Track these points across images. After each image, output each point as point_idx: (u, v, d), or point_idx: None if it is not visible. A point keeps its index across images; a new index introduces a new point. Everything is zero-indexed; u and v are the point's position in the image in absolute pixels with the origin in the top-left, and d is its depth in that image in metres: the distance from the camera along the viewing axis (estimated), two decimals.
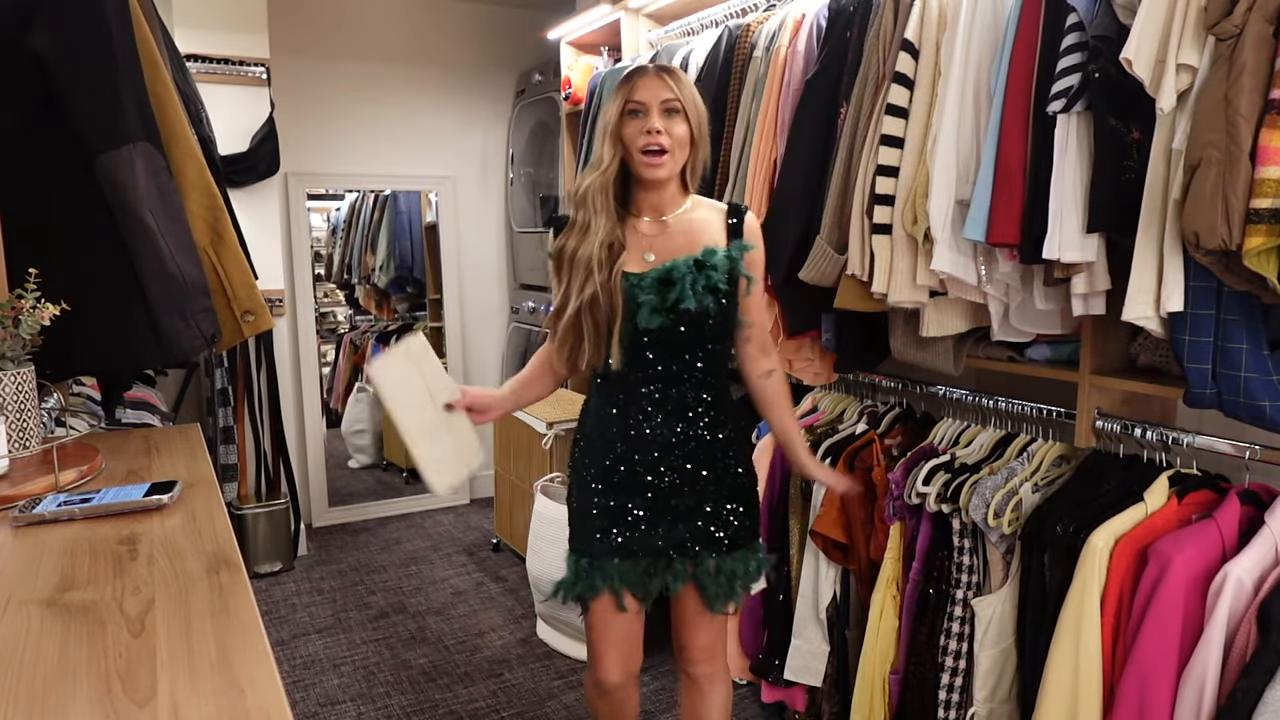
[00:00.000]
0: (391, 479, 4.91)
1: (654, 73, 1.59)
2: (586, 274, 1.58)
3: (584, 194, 1.61)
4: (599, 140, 1.62)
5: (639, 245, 1.63)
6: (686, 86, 1.60)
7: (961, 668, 1.87)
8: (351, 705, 2.62)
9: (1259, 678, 1.29)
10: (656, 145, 1.56)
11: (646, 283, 1.58)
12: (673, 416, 1.65)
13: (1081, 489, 1.72)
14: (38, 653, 0.84)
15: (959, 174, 1.73)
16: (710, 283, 1.58)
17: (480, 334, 4.66)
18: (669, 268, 1.59)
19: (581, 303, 1.59)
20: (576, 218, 1.63)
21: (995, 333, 1.80)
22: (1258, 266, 1.26)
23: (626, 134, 1.58)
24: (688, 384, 1.65)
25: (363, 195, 5.41)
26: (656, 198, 1.64)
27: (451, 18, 4.39)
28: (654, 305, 1.57)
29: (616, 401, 1.67)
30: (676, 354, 1.62)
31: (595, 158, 1.63)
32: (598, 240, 1.58)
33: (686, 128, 1.59)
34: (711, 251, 1.60)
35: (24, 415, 1.46)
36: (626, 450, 1.67)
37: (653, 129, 1.55)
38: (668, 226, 1.65)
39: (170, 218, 1.71)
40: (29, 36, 1.58)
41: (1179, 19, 1.34)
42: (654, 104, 1.56)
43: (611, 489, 1.68)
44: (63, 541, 1.15)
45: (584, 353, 1.62)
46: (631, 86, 1.59)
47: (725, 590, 1.70)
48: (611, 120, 1.59)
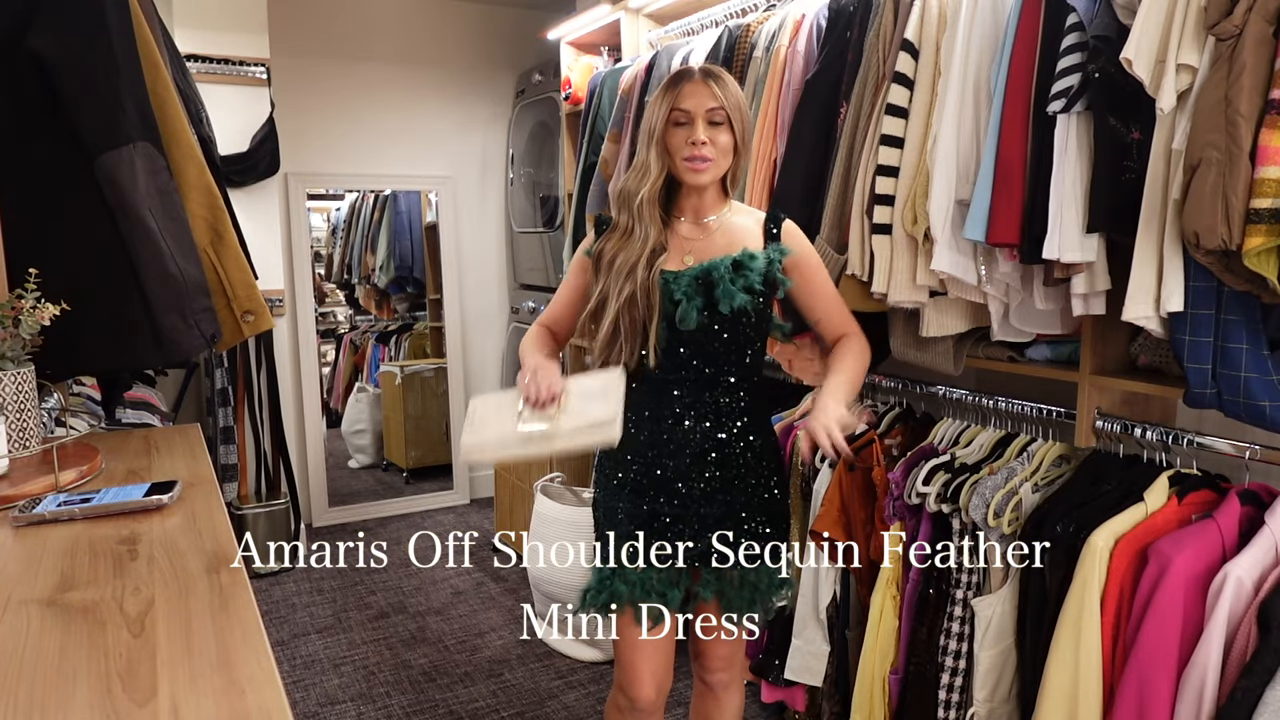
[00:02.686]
0: (391, 479, 4.91)
1: (700, 79, 1.57)
2: (627, 276, 1.58)
3: (632, 202, 1.60)
4: (643, 145, 1.61)
5: (679, 247, 1.64)
6: (733, 93, 1.58)
7: (961, 668, 1.87)
8: (351, 705, 2.62)
9: (1259, 678, 1.29)
10: (700, 157, 1.56)
11: (684, 281, 1.58)
12: (705, 420, 1.63)
13: (1081, 489, 1.72)
14: (38, 653, 0.84)
15: (959, 174, 1.73)
16: (748, 284, 1.57)
17: (480, 334, 4.66)
18: (707, 267, 1.58)
19: (620, 303, 1.59)
20: (620, 221, 1.63)
21: (995, 333, 1.80)
22: (1258, 266, 1.26)
23: (672, 144, 1.58)
24: (721, 387, 1.63)
25: (363, 195, 5.41)
26: (697, 201, 1.64)
27: (451, 18, 4.39)
28: (691, 304, 1.56)
29: (648, 404, 1.65)
30: (711, 356, 1.61)
31: (640, 163, 1.61)
32: (646, 249, 1.58)
33: (731, 137, 1.58)
34: (749, 255, 1.59)
35: (24, 415, 1.46)
36: (657, 454, 1.64)
37: (697, 140, 1.55)
38: (708, 230, 1.65)
39: (170, 218, 1.71)
40: (29, 36, 1.58)
41: (1179, 19, 1.34)
42: (699, 113, 1.55)
43: (639, 493, 1.65)
44: (63, 541, 1.15)
45: (619, 351, 1.62)
46: (678, 94, 1.57)
47: (747, 603, 1.66)
48: (657, 128, 1.58)
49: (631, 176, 1.63)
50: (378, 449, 5.13)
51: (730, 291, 1.56)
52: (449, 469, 4.63)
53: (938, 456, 1.97)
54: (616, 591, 1.63)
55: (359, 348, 5.60)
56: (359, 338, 5.64)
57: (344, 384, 5.61)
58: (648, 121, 1.61)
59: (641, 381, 1.65)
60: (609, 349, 1.62)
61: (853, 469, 2.11)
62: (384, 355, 5.38)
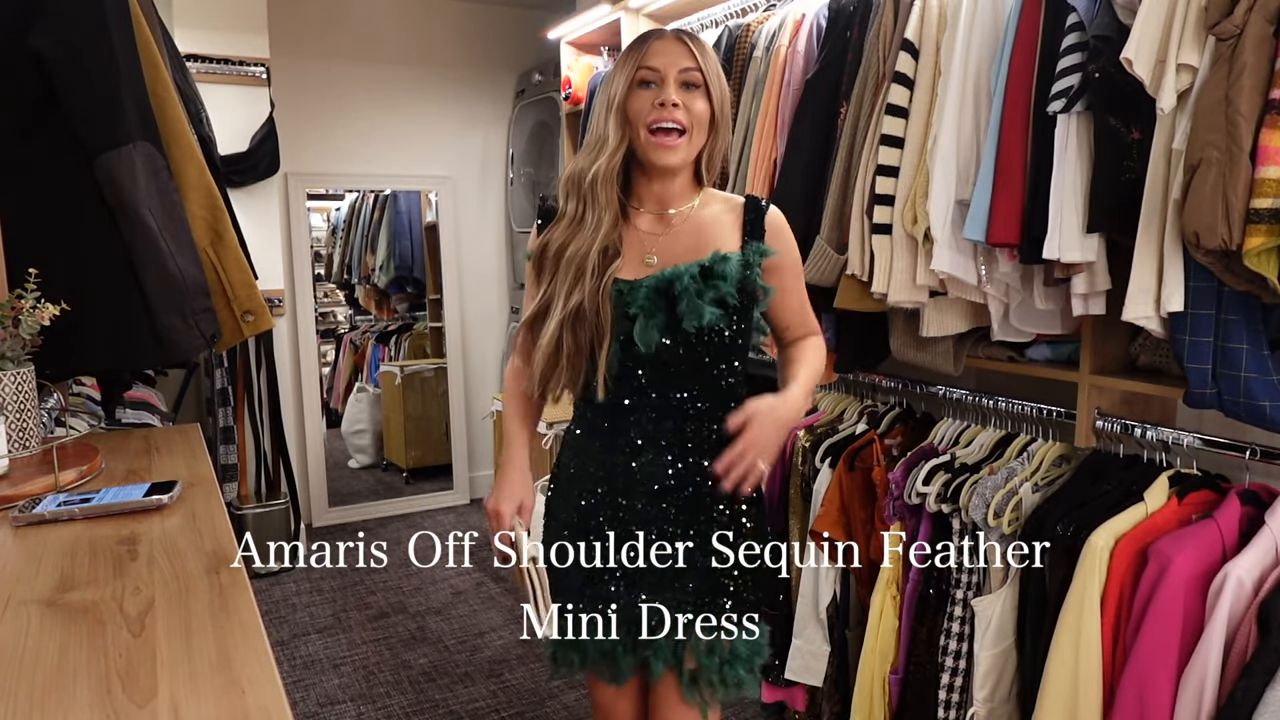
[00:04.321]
0: (391, 479, 4.91)
1: (672, 36, 1.31)
2: (576, 279, 1.30)
3: (583, 182, 1.32)
4: (600, 116, 1.32)
5: (638, 245, 1.35)
6: (710, 57, 1.31)
7: (961, 668, 1.87)
8: (351, 705, 2.62)
9: (1259, 678, 1.29)
10: (671, 121, 1.28)
11: (641, 293, 1.30)
12: (667, 453, 1.35)
13: (1081, 489, 1.72)
14: (38, 653, 0.84)
15: (959, 174, 1.73)
16: (718, 294, 1.29)
17: (480, 334, 4.66)
18: (668, 277, 1.30)
19: (565, 315, 1.30)
20: (567, 208, 1.34)
21: (995, 333, 1.80)
22: (1258, 266, 1.26)
23: (634, 108, 1.29)
24: (689, 416, 1.35)
25: (363, 195, 5.41)
26: (662, 189, 1.36)
27: (452, 18, 4.39)
28: (651, 323, 1.29)
29: (600, 432, 1.38)
30: (675, 380, 1.33)
31: (595, 136, 1.32)
32: (597, 238, 1.30)
33: (707, 105, 1.30)
34: (721, 258, 1.31)
35: (24, 415, 1.46)
36: (609, 493, 1.38)
37: (668, 101, 1.27)
38: (672, 224, 1.36)
39: (170, 218, 1.71)
40: (29, 36, 1.58)
41: (1179, 19, 1.34)
42: (671, 73, 1.28)
43: (587, 540, 1.40)
44: (63, 541, 1.15)
45: (560, 378, 1.34)
46: (644, 52, 1.30)
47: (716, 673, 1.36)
48: (619, 92, 1.30)
49: (583, 154, 1.33)
50: (378, 449, 5.13)
51: (696, 307, 1.28)
52: (449, 469, 4.63)
53: (938, 456, 1.97)
54: (571, 662, 1.43)
55: (359, 348, 5.60)
56: (359, 338, 5.64)
57: (344, 384, 5.61)
58: (606, 89, 1.32)
59: (592, 405, 1.38)
60: (550, 375, 1.34)
61: (853, 469, 2.11)
62: (384, 355, 5.39)
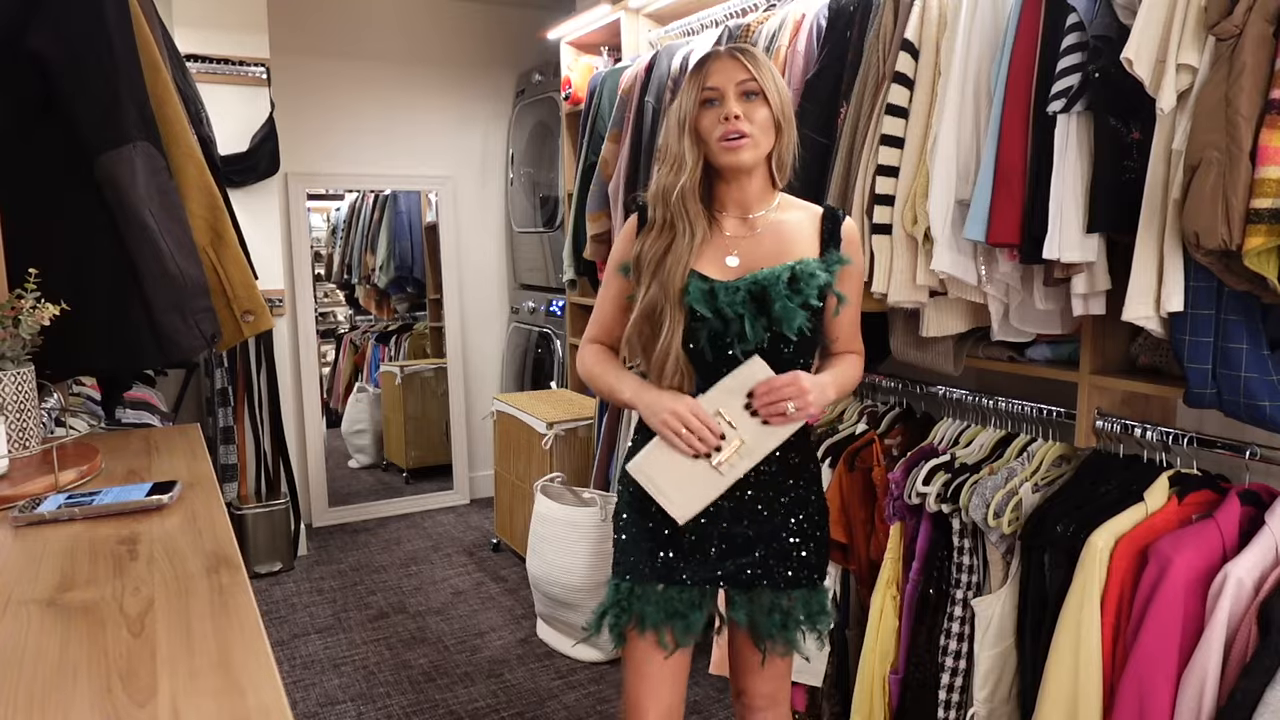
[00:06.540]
0: (391, 479, 4.91)
1: (727, 55, 1.45)
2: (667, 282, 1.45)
3: (670, 198, 1.46)
4: (674, 136, 1.47)
5: (721, 246, 1.48)
6: (765, 67, 1.44)
7: (961, 668, 1.87)
8: (351, 705, 2.62)
9: (1259, 678, 1.29)
10: (736, 131, 1.41)
11: (740, 296, 1.42)
12: None
13: (1081, 489, 1.72)
14: (38, 653, 0.84)
15: (959, 174, 1.73)
16: (804, 299, 1.41)
17: (480, 334, 4.66)
18: (761, 282, 1.42)
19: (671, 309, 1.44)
20: (657, 217, 1.48)
21: (995, 333, 1.80)
22: (1258, 266, 1.26)
23: (703, 125, 1.44)
24: None
25: (363, 195, 5.41)
26: (740, 192, 1.49)
27: (451, 18, 4.39)
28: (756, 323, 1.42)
29: None
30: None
31: (674, 156, 1.47)
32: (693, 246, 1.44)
33: (768, 111, 1.43)
34: (807, 264, 1.44)
35: (24, 415, 1.46)
36: None
37: (730, 114, 1.41)
38: (755, 228, 1.50)
39: (170, 218, 1.71)
40: (29, 36, 1.58)
41: (1179, 19, 1.35)
42: (729, 88, 1.42)
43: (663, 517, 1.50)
44: (63, 541, 1.14)
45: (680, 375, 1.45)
46: (704, 73, 1.45)
47: (778, 630, 1.52)
48: (688, 113, 1.45)
49: (665, 172, 1.48)
50: (378, 449, 5.13)
51: (790, 311, 1.41)
52: (449, 469, 4.63)
53: (938, 456, 1.97)
54: (642, 613, 1.50)
55: (359, 348, 5.60)
56: (359, 338, 5.64)
57: (344, 384, 5.61)
58: (677, 111, 1.48)
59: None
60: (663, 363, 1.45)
61: (853, 469, 2.11)
62: (384, 355, 5.39)
